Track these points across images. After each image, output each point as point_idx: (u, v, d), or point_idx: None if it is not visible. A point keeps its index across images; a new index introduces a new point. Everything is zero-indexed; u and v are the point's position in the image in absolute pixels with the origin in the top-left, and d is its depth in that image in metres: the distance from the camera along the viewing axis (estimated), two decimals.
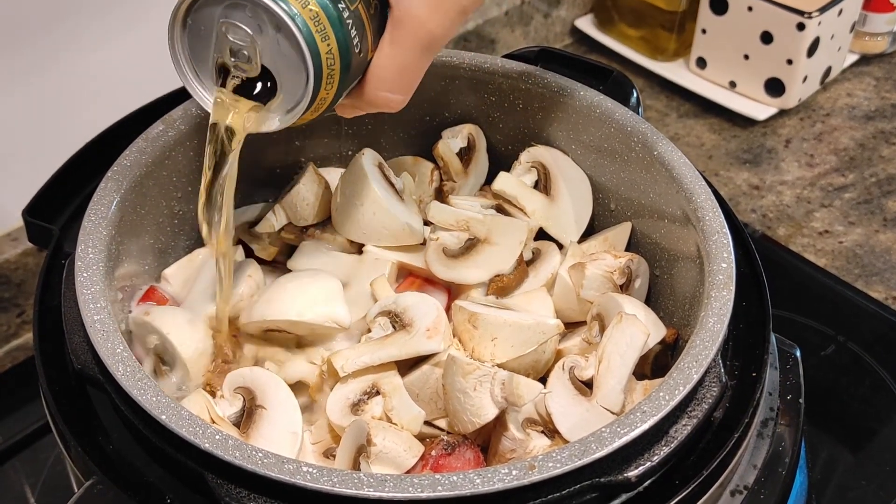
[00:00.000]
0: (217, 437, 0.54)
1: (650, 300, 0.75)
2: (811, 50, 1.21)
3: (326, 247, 0.77)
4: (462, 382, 0.63)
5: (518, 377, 0.62)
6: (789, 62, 1.22)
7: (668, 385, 0.57)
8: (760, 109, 1.26)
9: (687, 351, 0.59)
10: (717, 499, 0.61)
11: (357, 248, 0.77)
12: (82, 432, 0.60)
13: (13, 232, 0.96)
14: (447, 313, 0.69)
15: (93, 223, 0.65)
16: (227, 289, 0.68)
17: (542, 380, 0.66)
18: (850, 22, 1.27)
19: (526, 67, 0.79)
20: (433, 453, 0.64)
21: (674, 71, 1.33)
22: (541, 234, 0.78)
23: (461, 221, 0.74)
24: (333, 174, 0.79)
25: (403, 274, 0.76)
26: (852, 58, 1.35)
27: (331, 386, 0.67)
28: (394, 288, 0.74)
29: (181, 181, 0.74)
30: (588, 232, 0.79)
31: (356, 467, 0.61)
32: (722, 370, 0.60)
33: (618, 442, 0.54)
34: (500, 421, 0.64)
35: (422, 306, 0.68)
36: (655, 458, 0.56)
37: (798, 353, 0.70)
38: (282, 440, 0.63)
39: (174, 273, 0.74)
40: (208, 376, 0.68)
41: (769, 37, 1.21)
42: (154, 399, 0.55)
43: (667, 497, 0.57)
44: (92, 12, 0.93)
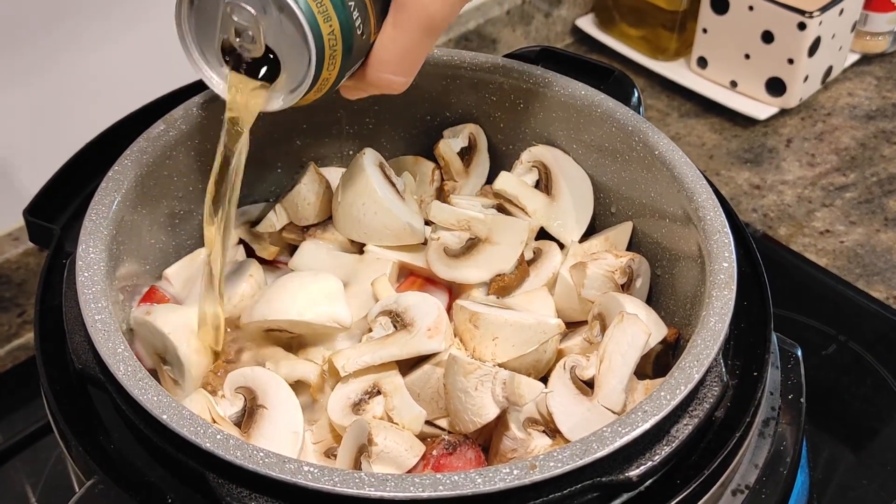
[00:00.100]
0: (218, 437, 0.54)
1: (651, 300, 0.75)
2: (812, 49, 1.21)
3: (327, 246, 0.77)
4: (463, 382, 0.63)
5: (519, 377, 0.62)
6: (790, 62, 1.22)
7: (670, 384, 0.57)
8: (761, 109, 1.26)
9: (688, 350, 0.59)
10: (719, 498, 0.61)
11: (358, 248, 0.77)
12: (83, 432, 0.60)
13: (14, 231, 0.96)
14: (448, 313, 0.69)
15: (94, 223, 0.65)
16: (219, 287, 0.67)
17: (544, 379, 0.66)
18: (851, 21, 1.27)
19: (527, 67, 0.79)
20: (434, 453, 0.64)
21: (675, 70, 1.33)
22: (542, 234, 0.78)
23: (462, 221, 0.74)
24: (334, 174, 0.79)
25: (404, 273, 0.76)
26: (853, 57, 1.35)
27: (332, 385, 0.67)
28: (395, 287, 0.73)
29: (182, 181, 0.74)
30: (589, 231, 0.79)
31: (357, 467, 0.61)
32: (723, 370, 0.60)
33: (619, 441, 0.54)
34: (502, 420, 0.64)
35: (423, 306, 0.68)
36: (657, 458, 0.56)
37: (799, 353, 0.70)
38: (283, 440, 0.63)
39: (175, 273, 0.74)
40: (209, 376, 0.68)
41: (770, 36, 1.21)
42: (155, 399, 0.55)
43: (668, 496, 0.57)
44: (92, 12, 0.93)
